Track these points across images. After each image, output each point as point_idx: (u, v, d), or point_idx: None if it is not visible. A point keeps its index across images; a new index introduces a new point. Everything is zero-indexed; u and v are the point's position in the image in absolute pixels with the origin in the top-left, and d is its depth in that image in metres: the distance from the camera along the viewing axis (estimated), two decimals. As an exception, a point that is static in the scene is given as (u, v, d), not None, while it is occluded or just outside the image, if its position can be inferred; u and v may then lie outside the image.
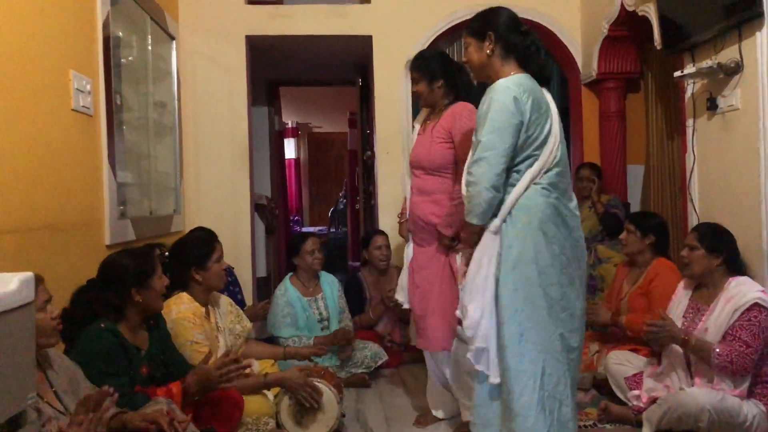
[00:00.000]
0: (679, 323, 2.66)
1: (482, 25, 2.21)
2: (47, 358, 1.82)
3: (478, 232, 2.15)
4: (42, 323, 1.70)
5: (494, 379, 2.08)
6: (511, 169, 2.09)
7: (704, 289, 2.66)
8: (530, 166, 2.08)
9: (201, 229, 2.78)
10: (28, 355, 1.14)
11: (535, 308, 2.04)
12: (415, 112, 4.64)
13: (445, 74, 2.80)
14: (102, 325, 2.09)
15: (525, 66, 2.18)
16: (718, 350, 2.41)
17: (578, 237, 2.15)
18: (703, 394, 2.38)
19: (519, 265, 2.05)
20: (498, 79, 2.14)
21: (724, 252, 2.59)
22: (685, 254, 2.66)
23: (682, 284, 2.78)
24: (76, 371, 1.91)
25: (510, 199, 2.07)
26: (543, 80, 2.17)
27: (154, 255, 2.30)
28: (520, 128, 2.03)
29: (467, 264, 2.18)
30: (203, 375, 2.21)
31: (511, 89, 2.04)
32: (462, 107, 2.72)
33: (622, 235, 3.22)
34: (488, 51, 2.18)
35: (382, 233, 4.11)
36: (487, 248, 2.10)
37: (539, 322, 2.04)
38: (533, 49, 2.19)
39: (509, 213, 2.08)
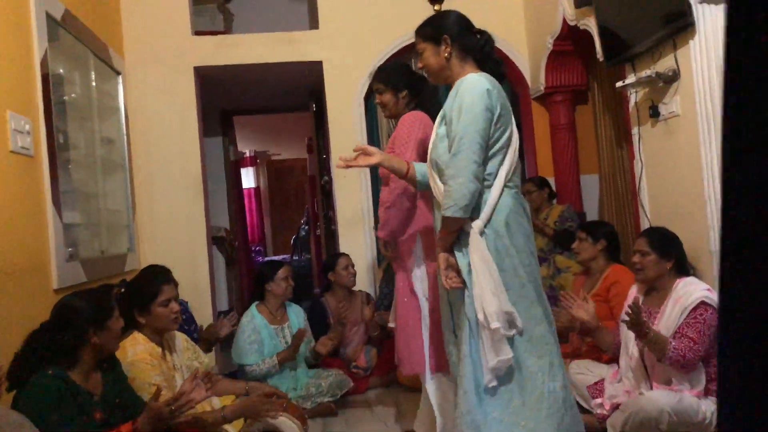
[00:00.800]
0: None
1: (436, 29, 2.22)
2: (-9, 412, 1.74)
3: (455, 231, 2.08)
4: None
5: (493, 382, 2.03)
6: (485, 170, 2.09)
7: (654, 293, 2.70)
8: (500, 164, 2.08)
9: (150, 269, 2.68)
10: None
11: (533, 306, 2.07)
12: (371, 135, 4.67)
13: (409, 85, 2.83)
14: (50, 372, 2.01)
15: (482, 65, 2.20)
16: (674, 344, 2.45)
17: (532, 240, 2.22)
18: (662, 397, 2.40)
19: (509, 266, 2.05)
20: (456, 79, 2.16)
21: (674, 255, 2.64)
22: (637, 260, 2.69)
23: (634, 290, 2.81)
24: (23, 423, 1.82)
25: (490, 202, 2.06)
26: (498, 78, 2.17)
27: (111, 295, 2.23)
28: (491, 121, 2.03)
29: (447, 268, 2.10)
30: (154, 413, 2.13)
31: (482, 82, 2.05)
32: (407, 116, 2.74)
33: (575, 244, 3.27)
34: (446, 54, 2.18)
35: (345, 255, 4.08)
36: (479, 249, 2.02)
37: (536, 319, 2.07)
38: (488, 48, 2.21)
39: (491, 216, 2.07)
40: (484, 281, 1.99)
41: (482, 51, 2.20)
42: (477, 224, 2.04)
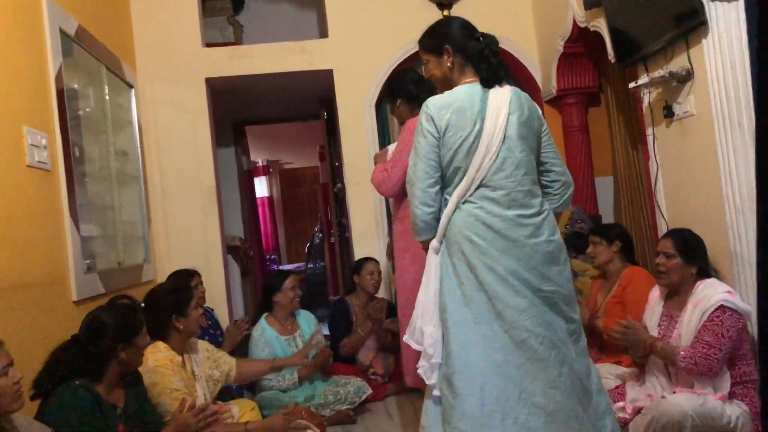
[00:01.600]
0: (654, 333, 2.67)
1: (437, 40, 2.19)
2: (14, 424, 1.75)
3: (426, 247, 2.20)
4: (3, 389, 1.64)
5: (437, 391, 2.09)
6: (443, 190, 2.11)
7: (675, 297, 2.67)
8: (457, 185, 2.07)
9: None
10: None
11: (475, 326, 2.02)
12: (382, 142, 4.67)
13: (402, 92, 2.85)
14: (77, 382, 2.03)
15: (478, 69, 2.15)
16: (682, 353, 2.42)
17: (532, 249, 2.05)
18: (685, 400, 2.37)
19: (455, 283, 2.05)
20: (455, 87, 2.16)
21: (699, 260, 2.60)
22: (661, 262, 2.65)
23: (656, 292, 2.78)
24: (46, 433, 1.84)
25: (442, 221, 2.10)
26: (491, 80, 2.11)
27: (139, 311, 2.25)
28: (435, 145, 2.06)
29: None
30: (179, 424, 2.15)
31: (428, 107, 2.08)
32: (410, 122, 2.76)
33: (589, 249, 3.25)
34: (449, 64, 2.16)
35: (374, 260, 4.10)
36: (430, 267, 2.13)
37: (479, 339, 2.01)
38: (487, 51, 2.14)
39: (444, 233, 2.10)
40: (421, 296, 2.14)
41: (480, 55, 2.14)
42: (433, 244, 2.13)
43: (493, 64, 2.11)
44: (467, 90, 2.09)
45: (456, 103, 2.05)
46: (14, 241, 2.33)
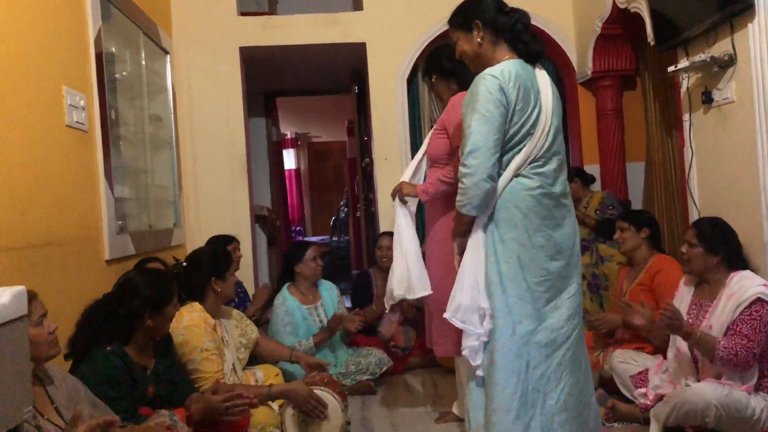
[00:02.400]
0: None
1: (466, 16, 2.16)
2: (48, 374, 1.81)
3: (468, 223, 2.11)
4: (38, 338, 1.69)
5: (480, 372, 2.07)
6: (497, 160, 2.05)
7: (706, 286, 2.63)
8: (515, 155, 2.03)
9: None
10: (23, 369, 1.14)
11: (521, 302, 2.01)
12: (412, 118, 4.66)
13: (436, 67, 2.83)
14: (109, 349, 2.08)
15: (514, 46, 2.12)
16: (723, 343, 2.39)
17: (566, 229, 2.07)
18: (709, 390, 2.35)
19: (504, 259, 2.02)
20: (492, 65, 2.09)
21: (722, 250, 2.56)
22: (684, 251, 2.63)
23: (683, 281, 2.76)
24: (78, 387, 1.89)
25: (495, 193, 2.04)
26: (532, 57, 2.09)
27: (172, 282, 2.28)
28: (506, 116, 1.99)
29: (460, 254, 2.16)
30: (208, 406, 2.19)
31: (496, 78, 1.99)
32: (457, 97, 2.73)
33: (616, 235, 3.21)
34: (478, 40, 2.12)
35: (390, 235, 4.11)
36: (477, 243, 2.07)
37: (525, 316, 2.01)
38: (519, 26, 2.11)
39: (494, 207, 2.05)
40: (464, 272, 2.07)
41: (513, 30, 2.10)
42: (481, 218, 2.06)
43: (527, 41, 2.08)
44: (520, 65, 2.05)
45: (520, 78, 2.02)
46: (51, 199, 2.38)
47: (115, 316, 2.13)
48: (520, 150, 2.03)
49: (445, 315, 2.10)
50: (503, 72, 2.01)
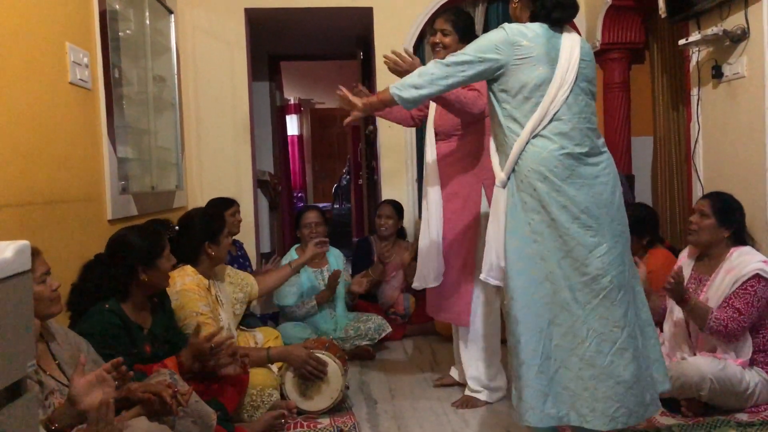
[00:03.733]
0: None
1: None
2: (50, 331, 1.83)
3: (383, 107, 2.29)
4: (41, 295, 1.70)
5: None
6: (512, 119, 2.05)
7: (706, 259, 2.64)
8: (530, 113, 2.02)
9: (216, 202, 2.81)
10: (26, 324, 1.14)
11: (542, 263, 2.01)
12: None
13: (469, 37, 2.79)
14: (106, 306, 2.10)
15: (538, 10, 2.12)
16: (715, 314, 2.42)
17: (598, 187, 2.03)
18: (704, 363, 2.38)
19: (524, 220, 2.02)
20: None
21: (734, 225, 2.56)
22: (695, 220, 2.61)
23: (685, 253, 2.76)
24: (80, 343, 1.91)
25: (514, 152, 2.03)
26: (541, 17, 2.08)
27: (162, 235, 2.29)
28: (499, 67, 2.04)
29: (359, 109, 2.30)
30: (195, 348, 2.21)
31: (506, 33, 2.05)
32: None
33: None
34: (514, 4, 2.18)
35: (391, 203, 4.12)
36: (498, 203, 2.09)
37: (546, 277, 2.01)
38: None
39: (514, 167, 2.04)
40: (491, 232, 2.16)
41: None
42: (500, 177, 2.09)
43: (546, 5, 2.06)
44: (544, 28, 2.06)
45: (533, 35, 2.03)
46: (54, 156, 2.37)
47: (109, 274, 2.16)
48: (536, 107, 2.01)
49: (482, 276, 2.21)
50: (519, 26, 2.06)
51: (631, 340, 1.99)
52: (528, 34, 2.03)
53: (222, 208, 3.28)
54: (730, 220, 2.55)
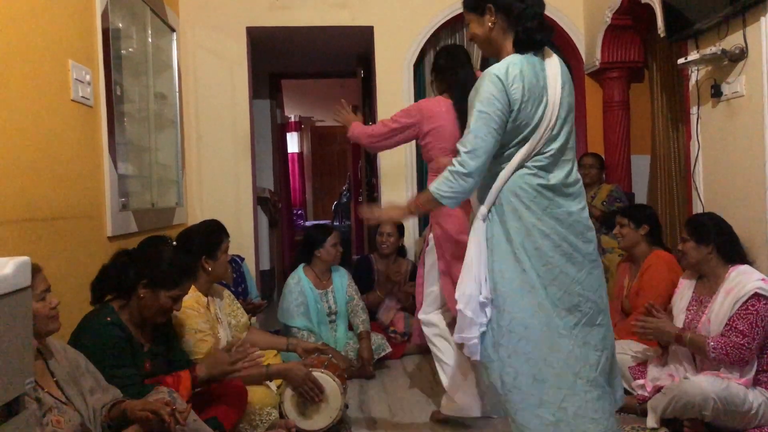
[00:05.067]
0: (682, 317, 2.65)
1: None
2: (49, 348, 1.82)
3: (430, 209, 2.23)
4: (41, 312, 1.70)
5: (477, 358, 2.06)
6: (500, 155, 2.02)
7: (705, 281, 2.64)
8: (518, 150, 2.00)
9: (211, 222, 2.80)
10: (25, 341, 1.14)
11: (533, 292, 1.98)
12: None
13: (436, 68, 2.91)
14: (108, 319, 2.10)
15: (516, 32, 2.05)
16: (712, 344, 2.40)
17: (576, 216, 2.03)
18: (707, 383, 2.36)
19: (510, 250, 2.00)
20: (503, 53, 2.06)
21: (712, 241, 2.57)
22: (680, 247, 2.68)
23: (684, 276, 2.76)
24: (79, 361, 1.90)
25: (496, 185, 2.02)
26: (526, 46, 2.02)
27: (173, 272, 2.22)
28: (506, 119, 1.97)
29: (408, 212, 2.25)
30: (215, 360, 2.22)
31: (499, 79, 1.96)
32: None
33: (615, 230, 3.21)
34: (490, 24, 2.07)
35: (391, 223, 4.12)
36: (477, 235, 2.05)
37: (539, 305, 1.98)
38: (528, 11, 2.04)
39: (495, 200, 2.03)
40: (469, 265, 2.04)
41: (520, 16, 2.03)
42: (482, 210, 2.04)
43: (528, 27, 2.01)
44: (526, 60, 2.01)
45: (525, 75, 1.98)
46: (55, 173, 2.37)
47: (117, 281, 2.18)
48: (524, 144, 2.00)
49: (458, 307, 2.06)
50: (508, 71, 1.97)
51: (608, 364, 2.03)
52: (517, 72, 1.97)
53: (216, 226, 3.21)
54: (707, 238, 2.57)
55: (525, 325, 1.98)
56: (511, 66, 1.98)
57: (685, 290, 2.73)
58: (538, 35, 2.03)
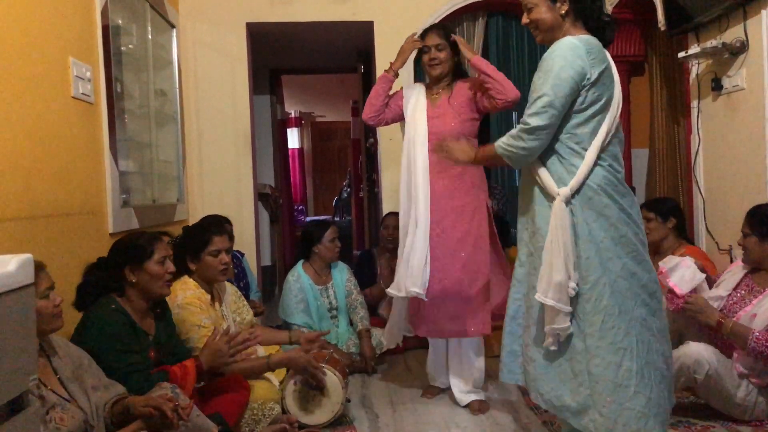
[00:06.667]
0: (724, 295, 2.61)
1: None
2: (52, 345, 1.82)
3: (492, 164, 2.29)
4: (44, 310, 1.71)
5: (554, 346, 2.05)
6: (572, 134, 2.00)
7: (762, 272, 2.58)
8: (594, 133, 1.99)
9: (207, 219, 2.81)
10: (28, 338, 1.14)
11: (621, 280, 1.99)
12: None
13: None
14: (113, 306, 2.12)
15: (587, 25, 2.07)
16: (756, 334, 2.36)
17: (636, 206, 2.09)
18: (705, 349, 2.39)
19: (599, 238, 2.00)
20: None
21: None
22: (741, 242, 2.59)
23: (739, 265, 2.69)
24: (82, 358, 1.91)
25: (580, 173, 1.99)
26: (608, 39, 2.05)
27: (153, 239, 2.28)
28: (580, 87, 1.95)
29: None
30: (215, 349, 2.25)
31: (579, 47, 1.95)
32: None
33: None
34: (562, 11, 2.05)
35: (396, 215, 4.12)
36: (559, 217, 2.00)
37: (630, 294, 2.00)
38: (597, 4, 2.07)
39: (579, 189, 2.00)
40: (555, 250, 1.98)
41: (592, 7, 2.04)
42: (564, 192, 2.00)
43: (604, 21, 2.04)
44: (600, 44, 2.02)
45: (599, 51, 1.99)
46: (56, 169, 2.38)
47: (104, 276, 2.22)
48: (598, 126, 1.99)
49: (537, 296, 2.03)
50: (589, 41, 1.98)
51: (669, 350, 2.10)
52: (594, 47, 1.99)
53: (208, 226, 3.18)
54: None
55: (616, 315, 1.98)
56: (591, 39, 2.01)
57: (737, 270, 2.67)
58: (609, 34, 2.07)
